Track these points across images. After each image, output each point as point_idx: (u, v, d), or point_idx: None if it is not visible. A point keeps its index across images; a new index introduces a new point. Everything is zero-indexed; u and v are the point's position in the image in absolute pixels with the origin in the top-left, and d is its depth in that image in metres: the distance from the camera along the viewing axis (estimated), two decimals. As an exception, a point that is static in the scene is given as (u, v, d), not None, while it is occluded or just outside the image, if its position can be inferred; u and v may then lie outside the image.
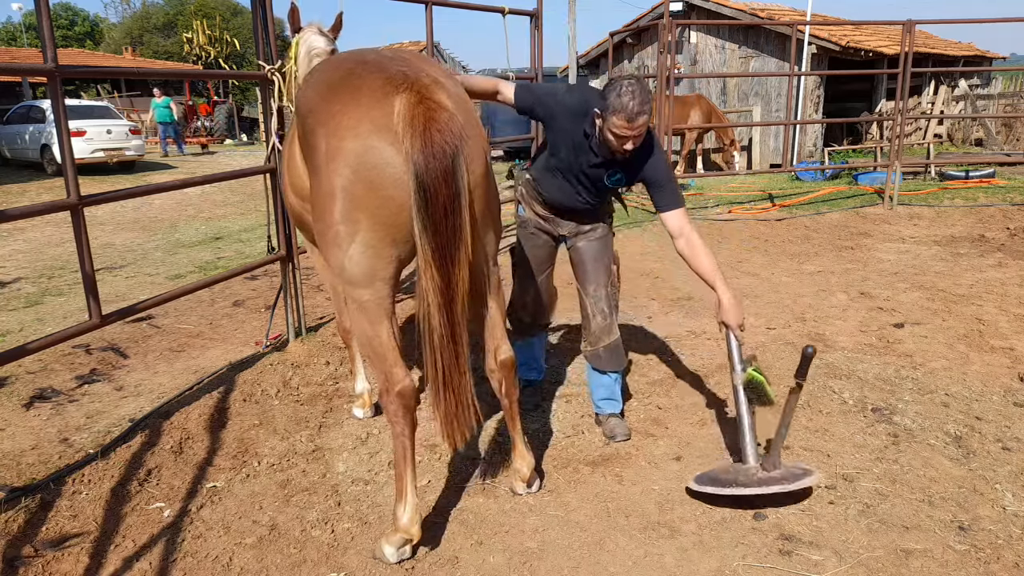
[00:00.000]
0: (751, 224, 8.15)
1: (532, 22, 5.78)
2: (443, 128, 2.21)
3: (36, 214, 3.01)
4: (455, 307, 2.34)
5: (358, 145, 2.25)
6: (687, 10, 14.41)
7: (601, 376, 3.36)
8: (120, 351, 4.48)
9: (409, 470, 2.48)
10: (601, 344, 3.27)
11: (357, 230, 2.30)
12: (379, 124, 2.24)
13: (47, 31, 2.81)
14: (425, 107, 2.23)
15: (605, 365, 3.31)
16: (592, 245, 3.27)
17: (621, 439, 3.30)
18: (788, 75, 8.73)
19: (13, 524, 2.64)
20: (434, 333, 2.34)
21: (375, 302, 2.39)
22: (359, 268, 2.34)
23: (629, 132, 2.76)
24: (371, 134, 2.25)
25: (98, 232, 9.02)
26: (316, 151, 2.38)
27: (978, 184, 9.91)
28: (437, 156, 2.19)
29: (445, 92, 2.34)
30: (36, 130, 15.07)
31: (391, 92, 2.27)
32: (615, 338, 3.28)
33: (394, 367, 2.43)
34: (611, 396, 3.40)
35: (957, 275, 5.89)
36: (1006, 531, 2.58)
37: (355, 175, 2.26)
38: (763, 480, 2.72)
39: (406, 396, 2.43)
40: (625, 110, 2.70)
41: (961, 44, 18.62)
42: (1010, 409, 3.53)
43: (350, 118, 2.28)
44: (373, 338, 2.43)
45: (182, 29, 34.23)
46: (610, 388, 3.38)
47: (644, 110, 2.71)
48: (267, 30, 3.98)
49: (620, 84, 2.72)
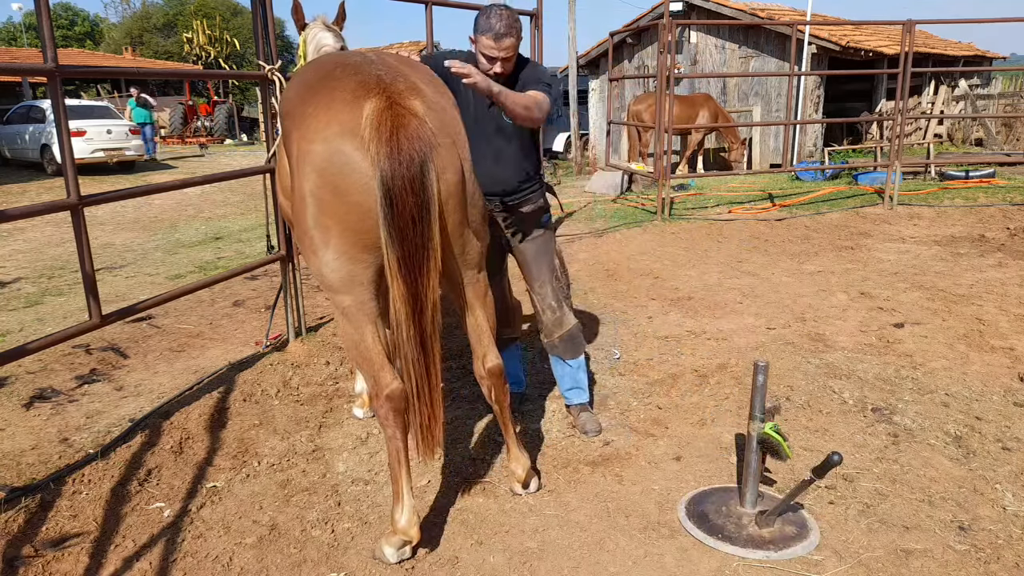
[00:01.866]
0: (751, 224, 8.15)
1: (532, 22, 5.77)
2: (411, 135, 2.15)
3: (36, 214, 3.01)
4: (423, 317, 2.28)
5: (324, 149, 2.21)
6: (687, 10, 14.41)
7: (564, 366, 3.44)
8: (120, 351, 4.48)
9: (404, 472, 2.47)
10: (556, 335, 3.35)
11: (329, 236, 2.26)
12: (346, 128, 2.19)
13: (47, 31, 2.81)
14: (394, 112, 2.17)
15: (563, 354, 3.39)
16: (533, 244, 3.26)
17: (592, 435, 3.37)
18: (788, 75, 8.73)
19: (13, 524, 2.64)
20: (404, 344, 2.30)
21: (356, 307, 2.35)
22: (336, 274, 2.30)
23: (497, 52, 2.85)
24: (337, 138, 2.20)
25: (98, 232, 9.02)
26: (291, 154, 2.36)
27: (978, 184, 9.91)
28: (404, 163, 2.13)
29: (420, 98, 2.28)
30: (36, 130, 15.09)
31: (362, 96, 2.21)
32: (568, 328, 3.34)
33: (381, 371, 2.40)
34: (576, 385, 3.47)
35: (957, 275, 5.89)
36: (1006, 531, 2.58)
37: (321, 179, 2.22)
38: (750, 539, 2.59)
39: (395, 399, 2.40)
40: (492, 30, 2.82)
41: (961, 44, 18.62)
42: (1010, 409, 3.53)
43: (319, 121, 2.24)
44: (358, 343, 2.40)
45: (182, 29, 34.25)
46: (573, 377, 3.46)
47: (511, 32, 2.84)
48: (267, 30, 3.98)
49: (490, 9, 2.86)
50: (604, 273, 6.28)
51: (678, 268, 6.39)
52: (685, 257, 6.79)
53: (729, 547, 2.55)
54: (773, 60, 13.84)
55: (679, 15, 13.95)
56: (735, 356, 4.26)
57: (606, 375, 4.08)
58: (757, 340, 4.54)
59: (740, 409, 3.58)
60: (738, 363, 4.14)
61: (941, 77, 15.24)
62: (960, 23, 23.10)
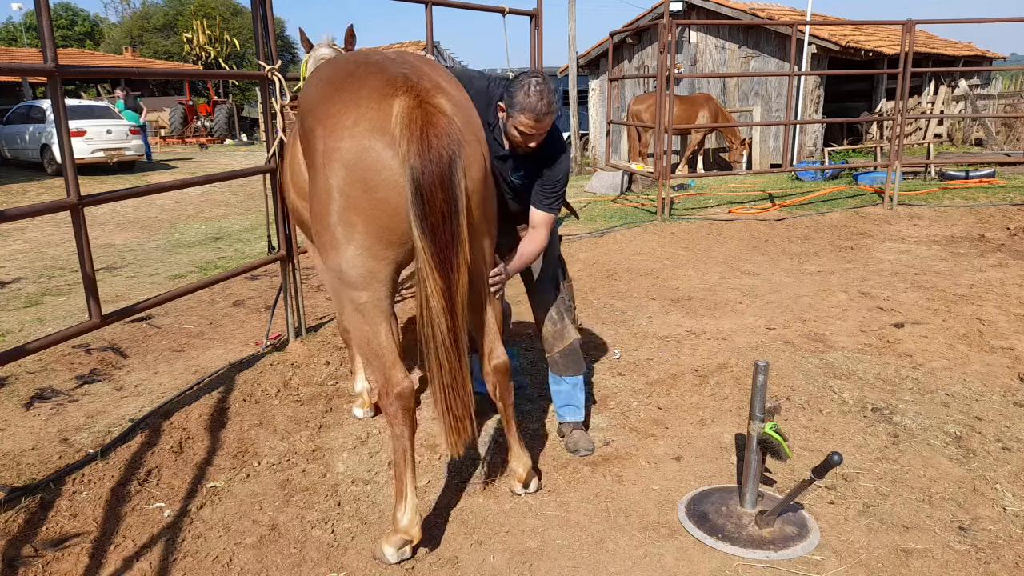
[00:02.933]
0: (751, 224, 8.15)
1: (532, 22, 5.77)
2: (441, 132, 2.19)
3: (36, 214, 3.00)
4: (456, 311, 2.33)
5: (354, 145, 2.24)
6: (687, 10, 14.42)
7: (560, 383, 3.26)
8: (120, 351, 4.48)
9: (409, 471, 2.48)
10: (556, 350, 3.19)
11: (353, 232, 2.29)
12: (376, 125, 2.23)
13: (47, 31, 2.81)
14: (424, 111, 2.21)
15: (564, 371, 3.22)
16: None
17: (584, 453, 3.19)
18: (788, 75, 8.73)
19: (13, 524, 2.64)
20: (437, 338, 2.33)
21: (373, 303, 2.38)
22: (356, 270, 2.33)
23: (535, 131, 2.70)
24: (367, 135, 2.23)
25: (98, 232, 9.02)
26: (315, 151, 2.37)
27: (978, 184, 9.91)
28: (434, 161, 2.17)
29: (445, 96, 2.32)
30: (36, 130, 15.09)
31: (390, 94, 2.25)
32: (569, 342, 3.19)
33: (392, 368, 2.42)
34: (570, 402, 3.29)
35: (957, 275, 5.89)
36: (1006, 531, 2.58)
37: (351, 176, 2.24)
38: (751, 539, 2.59)
39: (405, 397, 2.42)
40: (534, 110, 2.62)
41: (961, 44, 18.62)
42: (1010, 409, 3.53)
43: (348, 118, 2.27)
44: (372, 339, 2.42)
45: (182, 29, 34.24)
46: (569, 395, 3.27)
47: (551, 110, 2.66)
48: (267, 30, 3.98)
49: (529, 82, 2.64)
50: (604, 273, 6.28)
51: (678, 268, 6.39)
52: (685, 257, 6.79)
53: (729, 547, 2.54)
54: (773, 60, 13.85)
55: (679, 15, 13.95)
56: (735, 356, 4.26)
57: (606, 375, 4.08)
58: (757, 340, 4.54)
59: (740, 409, 3.58)
60: (738, 363, 4.14)
61: (941, 77, 15.24)
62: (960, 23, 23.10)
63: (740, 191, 10.66)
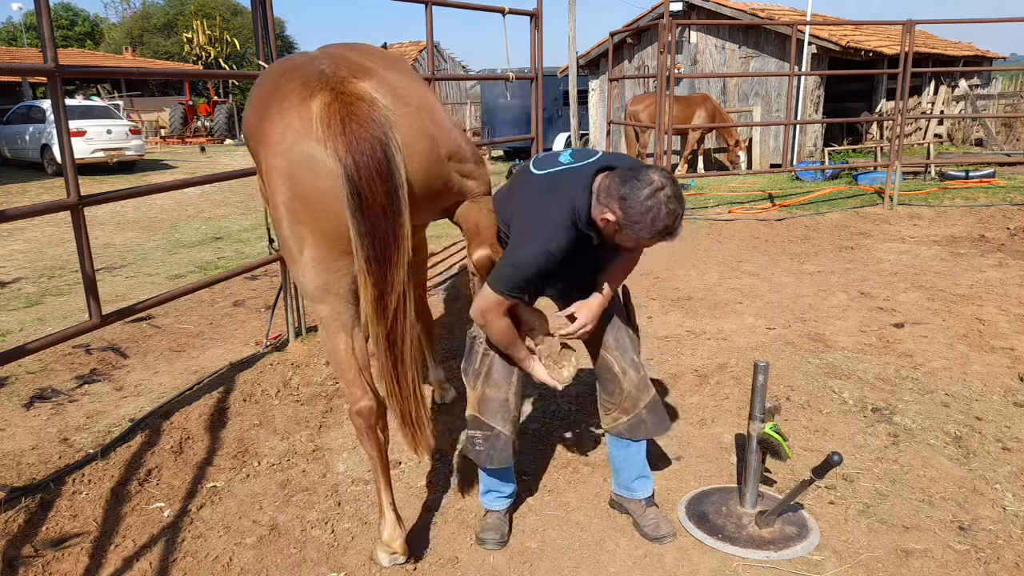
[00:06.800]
0: (751, 224, 8.15)
1: (532, 22, 5.77)
2: (364, 120, 2.03)
3: (36, 214, 3.00)
4: (387, 311, 2.19)
5: (285, 161, 2.14)
6: (687, 10, 14.41)
7: (629, 446, 2.62)
8: (120, 351, 4.48)
9: (384, 487, 2.43)
10: (642, 405, 2.53)
11: (304, 245, 2.22)
12: (300, 134, 2.10)
13: (47, 31, 2.81)
14: (340, 103, 2.05)
15: (649, 432, 2.57)
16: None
17: (669, 540, 2.57)
18: (788, 75, 8.73)
19: (13, 524, 2.64)
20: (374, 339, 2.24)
21: (332, 316, 2.31)
22: (312, 283, 2.27)
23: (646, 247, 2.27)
24: (295, 145, 2.12)
25: (98, 232, 9.02)
26: (261, 171, 2.32)
27: (978, 184, 9.90)
28: (366, 153, 2.01)
29: (367, 78, 2.15)
30: (36, 130, 15.09)
31: (308, 96, 2.11)
32: (652, 393, 2.58)
33: (352, 386, 2.34)
34: (643, 473, 2.67)
35: (957, 275, 5.89)
36: (1006, 531, 2.58)
37: (290, 191, 2.16)
38: (751, 539, 2.58)
39: (365, 415, 2.35)
40: (672, 234, 2.14)
41: (961, 44, 18.62)
42: (1010, 409, 3.53)
43: (276, 133, 2.16)
44: (333, 352, 2.36)
45: (182, 29, 34.25)
46: (639, 462, 2.65)
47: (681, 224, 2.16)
48: (267, 30, 3.98)
49: (659, 205, 2.07)
50: (604, 273, 6.27)
51: (678, 268, 6.39)
52: (685, 257, 6.79)
53: (729, 547, 2.54)
54: (773, 60, 13.85)
55: (679, 15, 13.94)
56: (735, 356, 4.26)
57: (606, 375, 4.08)
58: (757, 340, 4.53)
59: (740, 409, 3.58)
60: (738, 363, 4.14)
61: (941, 77, 15.24)
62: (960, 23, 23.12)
63: (740, 191, 10.66)
